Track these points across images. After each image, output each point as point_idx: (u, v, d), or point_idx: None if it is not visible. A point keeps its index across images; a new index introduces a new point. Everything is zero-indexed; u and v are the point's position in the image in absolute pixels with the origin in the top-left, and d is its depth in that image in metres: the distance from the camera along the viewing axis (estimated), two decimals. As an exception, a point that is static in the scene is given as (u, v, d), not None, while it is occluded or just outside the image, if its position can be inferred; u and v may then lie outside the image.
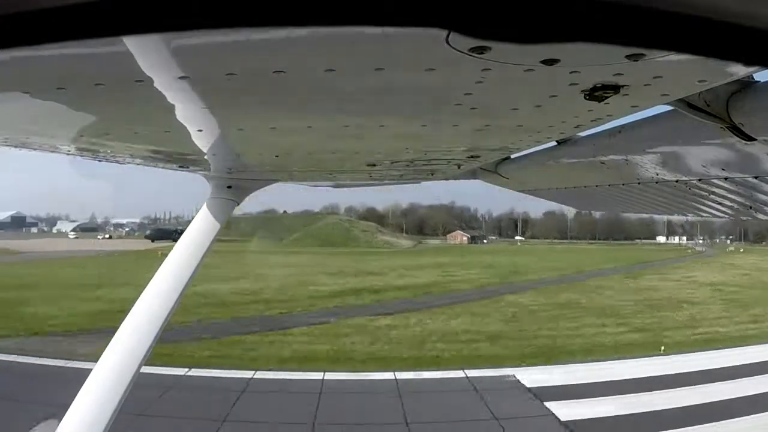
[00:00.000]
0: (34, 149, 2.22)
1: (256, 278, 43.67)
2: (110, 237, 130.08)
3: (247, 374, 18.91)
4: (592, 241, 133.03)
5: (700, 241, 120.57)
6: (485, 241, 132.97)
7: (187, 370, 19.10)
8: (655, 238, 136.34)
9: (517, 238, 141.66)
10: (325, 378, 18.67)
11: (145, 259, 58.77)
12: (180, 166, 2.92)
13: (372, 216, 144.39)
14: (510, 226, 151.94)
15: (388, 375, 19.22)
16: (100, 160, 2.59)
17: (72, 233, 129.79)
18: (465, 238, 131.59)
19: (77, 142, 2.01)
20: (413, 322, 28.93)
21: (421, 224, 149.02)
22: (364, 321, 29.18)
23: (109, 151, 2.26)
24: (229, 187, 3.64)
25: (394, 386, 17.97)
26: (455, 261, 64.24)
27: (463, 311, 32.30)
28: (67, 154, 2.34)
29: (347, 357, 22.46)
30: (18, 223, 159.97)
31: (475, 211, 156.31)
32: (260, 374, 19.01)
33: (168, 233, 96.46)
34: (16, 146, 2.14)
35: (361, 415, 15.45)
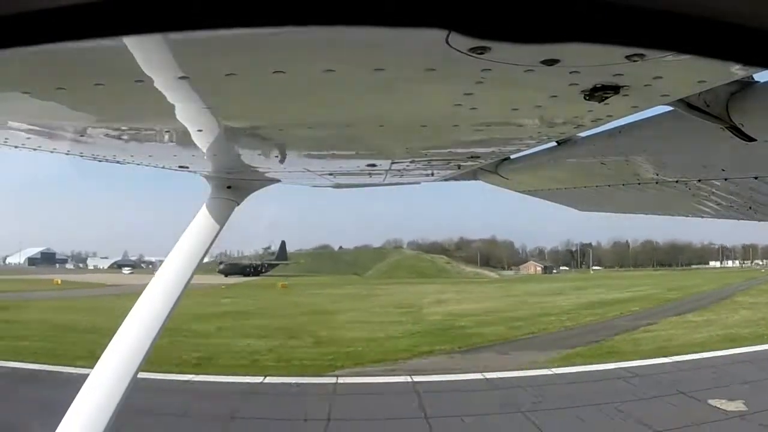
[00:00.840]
0: (34, 149, 2.22)
1: (456, 303, 44.18)
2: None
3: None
4: (658, 268, 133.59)
5: (760, 263, 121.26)
6: (555, 271, 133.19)
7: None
8: (708, 263, 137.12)
9: (595, 267, 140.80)
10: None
11: (270, 289, 60.59)
12: (180, 166, 2.92)
13: (434, 249, 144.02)
14: (567, 256, 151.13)
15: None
16: (100, 160, 2.59)
17: (126, 269, 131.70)
18: (539, 269, 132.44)
19: (77, 142, 2.01)
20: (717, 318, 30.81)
21: (481, 257, 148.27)
22: (676, 319, 30.75)
23: (108, 151, 2.27)
24: (229, 187, 3.64)
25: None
26: (578, 285, 63.36)
27: (707, 312, 33.80)
28: (67, 154, 2.34)
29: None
30: (48, 259, 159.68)
31: (522, 246, 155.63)
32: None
33: (241, 268, 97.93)
34: (16, 146, 2.14)
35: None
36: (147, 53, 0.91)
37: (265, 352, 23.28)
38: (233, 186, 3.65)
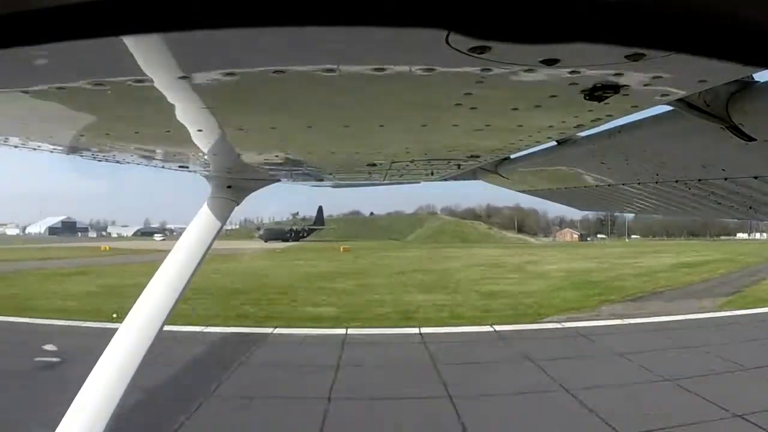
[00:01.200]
0: (34, 149, 2.22)
1: (548, 263, 44.39)
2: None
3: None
4: (690, 238, 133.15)
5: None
6: (589, 239, 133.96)
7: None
8: (735, 235, 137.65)
9: (634, 236, 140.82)
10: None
11: (332, 252, 62.42)
12: (180, 166, 2.92)
13: (468, 216, 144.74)
14: (598, 225, 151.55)
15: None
16: (100, 160, 2.59)
17: (158, 236, 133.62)
18: (576, 236, 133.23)
19: (77, 142, 2.01)
20: None
21: (515, 224, 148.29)
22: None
23: (109, 151, 2.26)
24: (229, 186, 3.65)
25: None
26: (639, 251, 64.36)
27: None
28: (67, 154, 2.34)
29: None
30: (69, 228, 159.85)
31: (544, 213, 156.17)
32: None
33: (281, 234, 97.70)
34: (16, 146, 2.14)
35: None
36: (147, 53, 0.91)
37: (470, 307, 23.45)
38: (233, 185, 3.66)
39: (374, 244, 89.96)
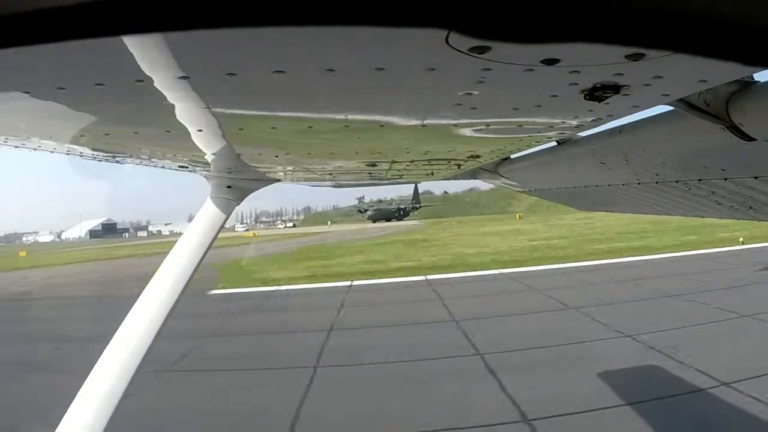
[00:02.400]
0: (34, 149, 2.22)
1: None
2: (294, 225, 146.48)
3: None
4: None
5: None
6: None
7: None
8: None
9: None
10: None
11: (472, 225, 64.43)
12: (180, 166, 2.92)
13: None
14: None
15: None
16: (100, 160, 2.59)
17: (240, 226, 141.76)
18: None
19: (77, 142, 2.00)
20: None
21: None
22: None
23: (109, 151, 2.26)
24: (229, 186, 3.65)
25: None
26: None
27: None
28: (67, 154, 2.34)
29: None
30: (109, 229, 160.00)
31: None
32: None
33: (388, 213, 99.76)
34: (16, 146, 2.14)
35: None
36: (147, 53, 0.91)
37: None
38: (233, 186, 3.66)
39: (491, 217, 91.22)
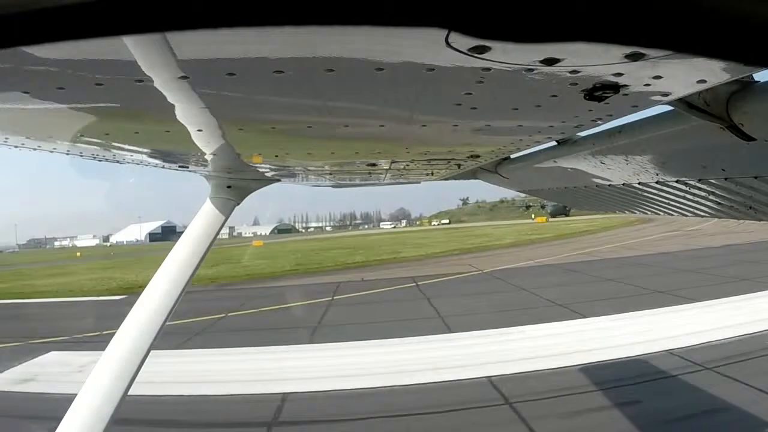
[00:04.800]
0: (34, 149, 2.22)
1: None
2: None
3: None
4: None
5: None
6: None
7: None
8: None
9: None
10: None
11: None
12: (180, 166, 2.92)
13: None
14: None
15: None
16: (100, 160, 2.59)
17: (388, 224, 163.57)
18: None
19: (77, 142, 2.00)
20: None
21: None
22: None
23: (109, 151, 2.26)
24: (229, 186, 3.65)
25: None
26: None
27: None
28: (67, 154, 2.34)
29: None
30: (169, 232, 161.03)
31: None
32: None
33: (563, 210, 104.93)
34: (16, 146, 2.13)
35: None
36: (147, 53, 0.91)
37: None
38: (233, 186, 3.66)
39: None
